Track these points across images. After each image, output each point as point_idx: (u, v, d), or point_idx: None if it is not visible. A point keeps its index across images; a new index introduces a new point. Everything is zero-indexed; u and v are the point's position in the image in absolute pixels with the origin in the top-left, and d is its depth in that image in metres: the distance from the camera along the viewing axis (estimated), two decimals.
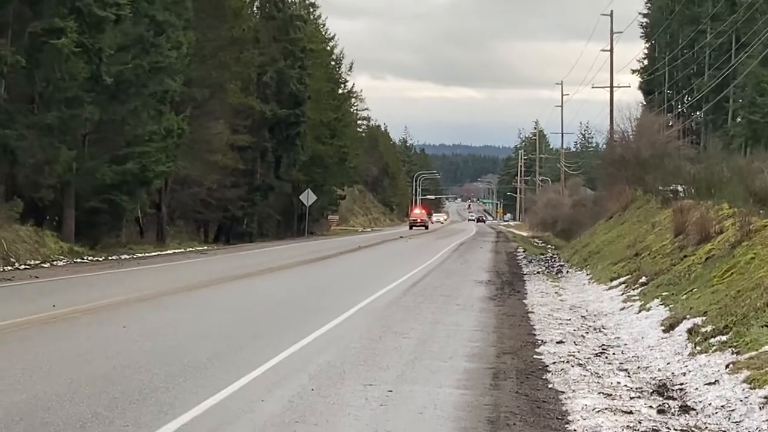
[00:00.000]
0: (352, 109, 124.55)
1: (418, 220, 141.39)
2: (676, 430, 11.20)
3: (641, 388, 13.83)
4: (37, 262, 41.72)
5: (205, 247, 63.49)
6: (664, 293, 22.92)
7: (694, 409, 12.41)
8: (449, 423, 11.70)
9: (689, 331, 17.48)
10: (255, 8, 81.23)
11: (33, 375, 14.39)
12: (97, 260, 45.69)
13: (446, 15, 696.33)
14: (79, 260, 44.86)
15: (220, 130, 66.79)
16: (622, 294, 26.36)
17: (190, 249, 59.64)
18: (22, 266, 39.23)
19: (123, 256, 48.42)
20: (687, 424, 11.55)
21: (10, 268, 38.42)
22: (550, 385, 14.15)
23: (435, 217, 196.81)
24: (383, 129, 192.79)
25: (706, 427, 11.38)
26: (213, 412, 11.92)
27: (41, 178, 47.00)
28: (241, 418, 11.70)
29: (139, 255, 50.43)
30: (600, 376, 14.78)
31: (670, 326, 18.81)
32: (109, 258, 47.17)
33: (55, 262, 42.66)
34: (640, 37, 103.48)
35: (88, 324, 21.12)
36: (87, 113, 47.03)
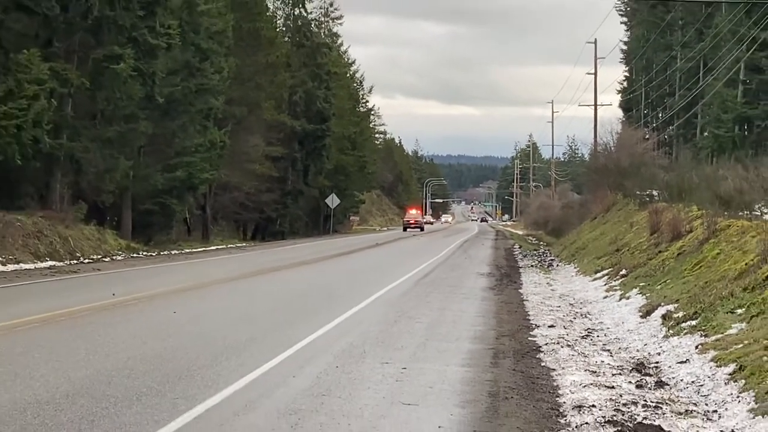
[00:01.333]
0: (370, 125, 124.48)
1: (412, 222, 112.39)
2: (652, 402, 11.18)
3: (622, 366, 13.81)
4: (99, 256, 41.77)
5: (244, 244, 63.46)
6: (641, 284, 22.89)
7: (668, 385, 12.39)
8: (455, 396, 11.69)
9: (663, 317, 17.45)
10: (287, 38, 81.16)
11: (96, 354, 14.42)
12: (151, 255, 45.73)
13: (445, 43, 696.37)
14: (135, 255, 44.92)
15: (256, 142, 66.85)
16: (605, 284, 26.32)
17: (231, 245, 59.67)
18: (86, 260, 39.27)
19: (173, 252, 48.46)
20: (661, 397, 11.54)
21: (76, 262, 38.49)
22: (542, 364, 14.14)
23: (443, 217, 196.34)
24: (397, 141, 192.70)
25: (678, 400, 11.36)
26: (251, 386, 11.93)
27: (103, 185, 47.13)
28: (276, 391, 11.71)
29: (187, 250, 50.45)
30: (586, 356, 14.77)
31: (646, 312, 18.78)
32: (161, 253, 47.20)
33: (114, 257, 42.71)
34: (620, 61, 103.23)
35: (143, 310, 21.15)
36: (142, 128, 47.19)
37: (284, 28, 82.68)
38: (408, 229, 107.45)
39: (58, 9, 36.27)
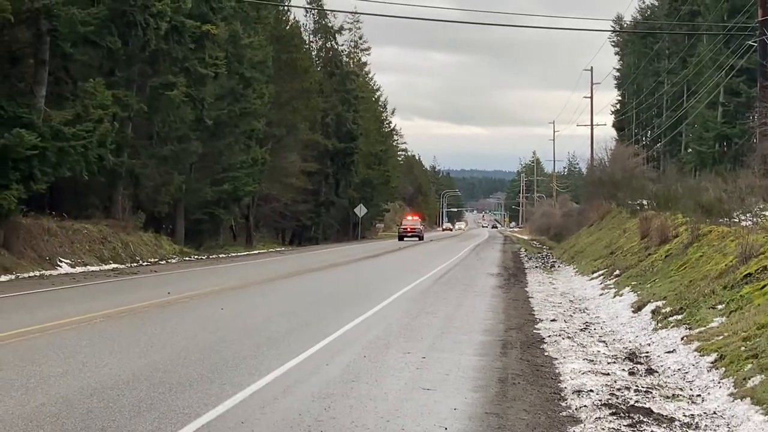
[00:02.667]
0: (393, 143, 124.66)
1: (409, 230, 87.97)
2: (643, 387, 11.15)
3: (616, 355, 13.77)
4: (156, 260, 41.94)
5: (283, 249, 63.63)
6: (633, 283, 22.82)
7: (657, 372, 12.35)
8: (469, 381, 11.69)
9: (653, 312, 17.40)
10: (320, 67, 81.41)
11: (153, 345, 14.47)
12: (201, 258, 45.92)
13: (454, 71, 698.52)
14: (187, 258, 45.11)
15: (293, 159, 67.07)
16: (601, 283, 26.25)
17: (271, 250, 59.85)
18: (145, 263, 39.45)
19: (220, 255, 48.66)
20: (651, 383, 11.50)
21: (135, 264, 38.67)
22: (546, 353, 14.11)
23: (457, 224, 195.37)
24: (417, 158, 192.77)
25: (666, 386, 11.33)
26: (290, 374, 11.96)
27: (159, 197, 47.40)
28: (311, 378, 11.73)
29: (233, 254, 50.62)
30: (584, 346, 14.74)
31: (638, 308, 18.72)
32: (210, 257, 47.40)
33: (169, 260, 42.88)
34: (614, 86, 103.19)
35: (195, 307, 21.23)
36: (193, 147, 47.47)
37: (318, 59, 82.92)
38: (405, 239, 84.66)
39: (119, 43, 36.44)
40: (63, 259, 35.62)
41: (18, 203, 31.69)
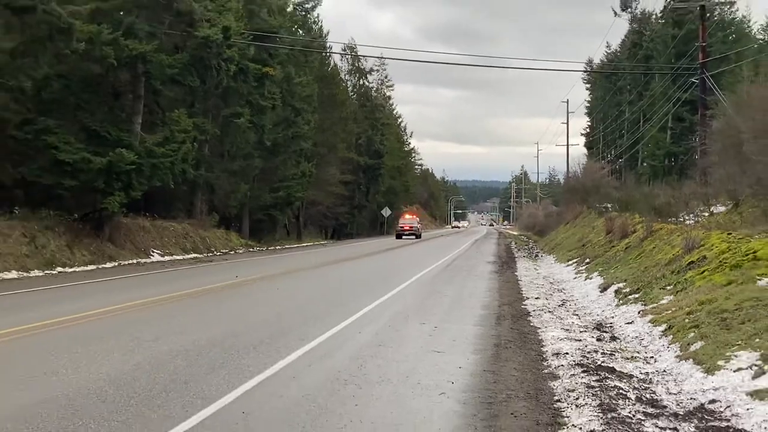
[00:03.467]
0: (411, 159, 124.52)
1: (407, 228, 74.46)
2: (607, 351, 11.11)
3: (586, 326, 13.73)
4: (226, 251, 42.11)
5: (325, 242, 63.70)
6: (600, 268, 22.75)
7: (619, 339, 12.31)
8: (471, 345, 11.68)
9: (615, 292, 17.34)
10: (354, 100, 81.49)
11: (225, 317, 14.55)
12: (261, 249, 46.07)
13: (457, 103, 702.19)
14: (251, 249, 45.29)
15: (333, 172, 67.18)
16: (575, 269, 26.16)
17: (316, 243, 59.97)
18: (218, 253, 39.64)
19: (276, 247, 48.83)
20: (614, 347, 11.46)
21: (211, 254, 38.86)
22: (531, 324, 14.08)
23: (462, 223, 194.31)
24: (430, 170, 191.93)
25: (626, 350, 11.28)
26: (330, 340, 11.99)
27: (229, 202, 47.58)
28: (346, 343, 11.75)
29: (287, 246, 50.79)
30: (561, 319, 14.70)
31: (603, 288, 18.66)
32: (268, 248, 47.55)
33: (237, 251, 43.08)
34: (585, 114, 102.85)
35: (257, 288, 21.31)
36: (255, 163, 47.62)
37: (352, 93, 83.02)
38: (403, 237, 70.88)
39: (198, 82, 36.59)
40: (155, 250, 35.83)
41: (120, 206, 31.92)
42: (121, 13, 33.05)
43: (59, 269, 27.20)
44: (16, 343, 11.36)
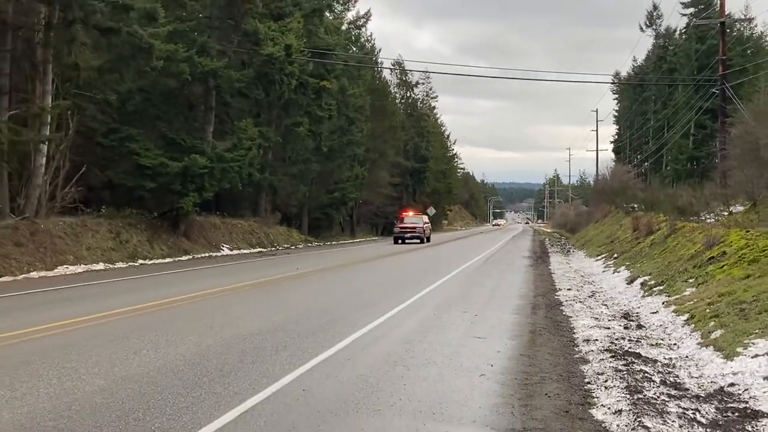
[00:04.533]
0: (454, 163, 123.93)
1: (408, 228, 49.63)
2: (634, 338, 10.97)
3: (614, 315, 13.57)
4: (288, 246, 42.39)
5: (376, 238, 63.78)
6: (627, 263, 22.48)
7: (644, 327, 12.15)
8: (508, 332, 11.61)
9: (641, 284, 17.12)
10: (401, 110, 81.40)
11: (285, 306, 14.65)
12: (319, 245, 46.30)
13: (494, 112, 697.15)
14: (309, 245, 45.53)
15: (383, 175, 67.21)
16: (603, 263, 25.87)
17: (368, 239, 60.06)
18: (280, 248, 39.92)
19: (332, 243, 49.04)
20: (640, 334, 11.31)
21: (274, 249, 39.15)
22: (563, 313, 13.96)
23: (500, 221, 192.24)
24: (471, 174, 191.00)
25: (651, 337, 11.13)
26: (380, 327, 12.00)
27: (290, 201, 47.93)
28: (395, 329, 11.76)
29: (342, 242, 50.97)
30: (591, 308, 14.55)
31: (630, 281, 18.44)
32: (325, 244, 47.77)
33: (297, 246, 43.33)
34: (613, 122, 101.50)
35: (316, 278, 21.40)
36: (313, 167, 47.89)
37: (401, 104, 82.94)
38: (404, 240, 48.43)
39: (263, 95, 36.90)
40: (224, 245, 36.18)
41: (194, 206, 32.32)
42: (195, 33, 33.47)
43: (140, 261, 27.62)
44: (105, 326, 11.56)
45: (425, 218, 53.45)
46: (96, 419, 6.35)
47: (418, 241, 48.79)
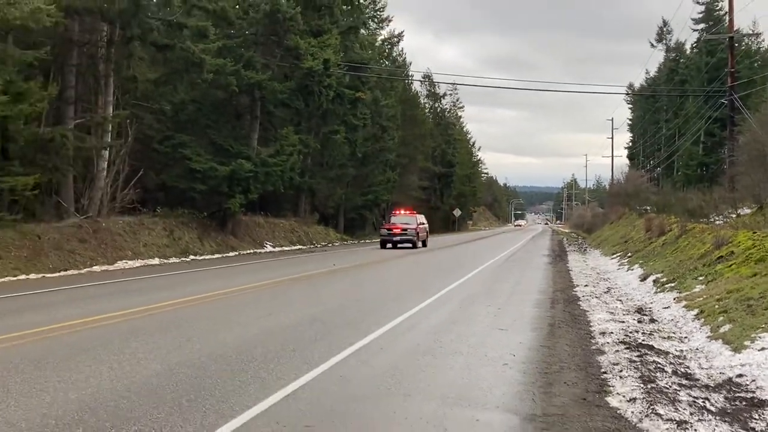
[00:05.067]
0: (478, 168, 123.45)
1: (396, 231, 37.45)
2: (647, 331, 10.84)
3: (628, 309, 13.42)
4: (325, 243, 42.52)
5: None
6: (640, 261, 22.21)
7: (657, 321, 12.01)
8: (529, 324, 11.53)
9: (654, 281, 16.92)
10: (430, 119, 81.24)
11: (323, 299, 14.70)
12: (354, 243, 46.36)
13: (515, 120, 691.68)
14: (345, 243, 45.62)
15: (413, 179, 67.19)
16: (618, 261, 25.60)
17: None
18: (318, 246, 40.03)
19: (366, 241, 48.97)
20: (653, 328, 11.18)
21: (312, 246, 39.28)
22: (581, 307, 13.83)
23: (522, 222, 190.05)
24: (494, 178, 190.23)
25: (663, 330, 11.00)
26: (410, 319, 11.98)
27: (327, 203, 48.04)
28: (424, 321, 11.74)
29: (375, 240, 50.87)
30: (607, 303, 14.40)
31: (643, 278, 18.22)
32: (360, 242, 47.81)
33: (334, 244, 43.43)
34: (628, 130, 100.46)
35: (351, 274, 21.44)
36: (349, 172, 48.01)
37: (429, 113, 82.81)
38: (393, 245, 37.24)
39: (303, 105, 37.06)
40: (268, 242, 36.40)
41: (240, 206, 32.56)
42: (242, 49, 33.70)
43: (192, 257, 27.87)
44: (159, 316, 11.69)
45: (420, 218, 41.19)
46: (153, 400, 6.42)
47: (410, 245, 37.01)
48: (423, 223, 41.18)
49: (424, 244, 40.07)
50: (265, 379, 7.30)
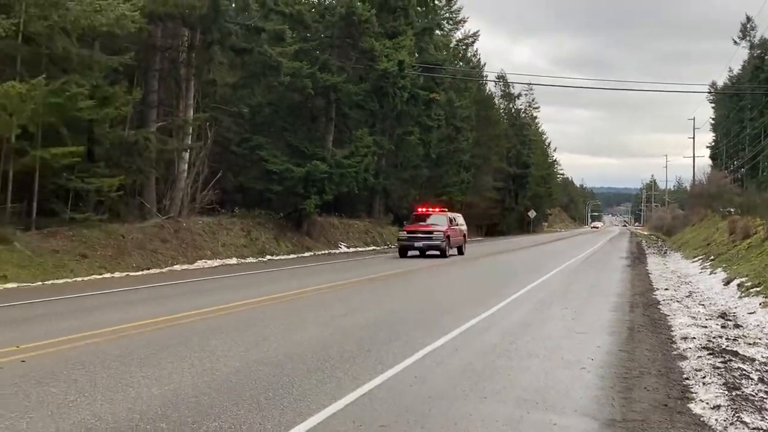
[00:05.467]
0: (554, 169, 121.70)
1: (420, 233, 29.32)
2: (731, 337, 10.48)
3: (711, 314, 13.01)
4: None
5: (481, 238, 63.21)
6: (723, 265, 21.49)
7: (742, 326, 11.60)
8: (607, 328, 11.29)
9: (738, 285, 16.34)
10: (505, 119, 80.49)
11: (397, 299, 14.71)
12: None
13: (591, 121, 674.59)
14: None
15: (487, 180, 66.67)
16: (700, 265, 24.83)
17: (474, 239, 59.58)
18: (392, 246, 40.02)
19: None
20: (737, 333, 10.80)
21: (386, 247, 39.38)
22: (661, 311, 13.48)
23: (598, 224, 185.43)
24: (570, 179, 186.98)
25: (748, 336, 10.61)
26: (485, 320, 11.88)
27: (401, 204, 48.03)
28: (499, 322, 11.62)
29: None
30: (688, 308, 13.99)
31: (727, 282, 17.62)
32: None
33: None
34: (710, 129, 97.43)
35: (425, 275, 21.40)
36: (423, 173, 47.93)
37: (504, 114, 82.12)
38: (421, 253, 29.70)
39: (378, 106, 37.21)
40: (342, 243, 36.69)
41: (315, 207, 32.91)
42: (318, 51, 34.09)
43: (268, 257, 28.32)
44: (237, 315, 11.91)
45: (456, 218, 32.94)
46: (232, 397, 6.55)
47: (438, 252, 29.31)
48: (458, 225, 32.60)
49: (460, 252, 31.83)
50: (341, 379, 7.35)
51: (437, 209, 33.49)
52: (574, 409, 6.51)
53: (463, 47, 62.62)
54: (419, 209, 33.97)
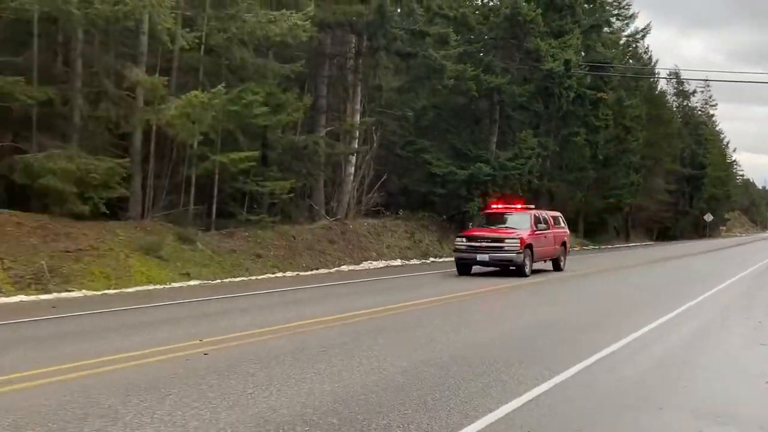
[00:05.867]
0: (733, 170, 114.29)
1: (482, 244, 20.18)
2: None
3: None
4: None
5: (650, 243, 60.76)
6: None
7: None
8: None
9: None
10: (678, 118, 76.61)
11: (561, 302, 14.37)
12: (594, 248, 45.04)
13: None
14: (585, 248, 44.55)
15: (659, 182, 63.92)
16: None
17: (643, 243, 57.34)
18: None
19: (607, 246, 47.48)
20: None
21: None
22: None
23: None
24: (751, 180, 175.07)
25: None
26: (660, 327, 11.36)
27: (566, 207, 46.43)
28: (675, 330, 11.07)
29: (616, 245, 49.24)
30: None
31: None
32: (600, 247, 46.35)
33: (573, 249, 42.34)
34: None
35: (597, 279, 20.82)
36: (589, 174, 46.53)
37: (677, 112, 78.22)
38: (488, 267, 20.66)
39: (542, 107, 36.65)
40: None
41: (478, 210, 32.82)
42: (481, 53, 34.02)
43: (431, 259, 28.58)
44: (405, 315, 12.11)
45: (547, 217, 23.57)
46: (400, 396, 6.67)
47: (512, 268, 20.47)
48: (549, 230, 22.97)
49: (557, 266, 23.37)
50: (507, 383, 7.30)
51: (518, 205, 24.07)
52: (759, 425, 6.11)
53: (634, 43, 60.28)
54: (492, 205, 25.28)
